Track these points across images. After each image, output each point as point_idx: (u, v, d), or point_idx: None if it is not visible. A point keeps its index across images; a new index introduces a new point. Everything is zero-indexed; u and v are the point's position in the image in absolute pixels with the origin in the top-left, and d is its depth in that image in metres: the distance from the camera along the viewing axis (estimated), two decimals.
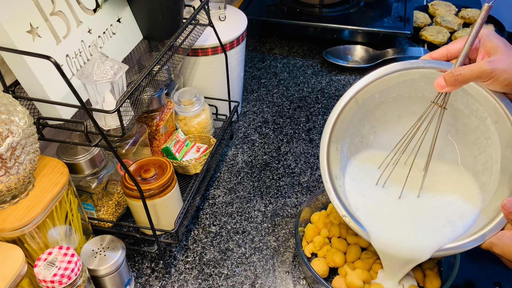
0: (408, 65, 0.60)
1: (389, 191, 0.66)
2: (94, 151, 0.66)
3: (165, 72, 0.74)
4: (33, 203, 0.54)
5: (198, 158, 0.84)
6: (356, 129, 0.67)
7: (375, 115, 0.67)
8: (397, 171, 0.66)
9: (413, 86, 0.62)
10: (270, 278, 0.71)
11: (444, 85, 0.56)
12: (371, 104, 0.65)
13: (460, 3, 1.38)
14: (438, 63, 0.59)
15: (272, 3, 1.28)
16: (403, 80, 0.61)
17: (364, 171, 0.68)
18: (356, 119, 0.66)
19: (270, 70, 1.18)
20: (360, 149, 0.69)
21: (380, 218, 0.63)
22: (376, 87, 0.62)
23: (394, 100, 0.65)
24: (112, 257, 0.61)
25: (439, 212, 0.63)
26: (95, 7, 0.65)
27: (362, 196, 0.65)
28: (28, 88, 0.56)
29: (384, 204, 0.65)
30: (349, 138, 0.67)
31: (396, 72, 0.60)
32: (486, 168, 0.62)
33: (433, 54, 0.60)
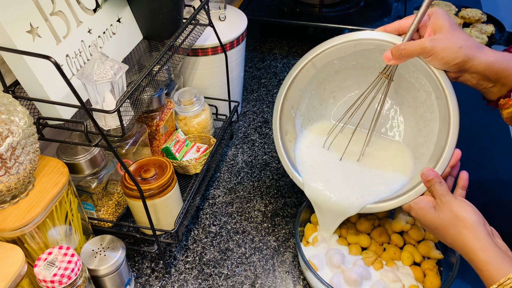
0: (362, 35, 0.64)
1: (332, 153, 0.73)
2: (94, 151, 0.66)
3: (165, 72, 0.74)
4: (33, 203, 0.54)
5: (198, 158, 0.84)
6: (315, 91, 0.72)
7: (335, 80, 0.72)
8: (343, 137, 0.72)
9: (370, 56, 0.66)
10: (270, 278, 0.71)
11: (390, 57, 0.61)
12: (331, 69, 0.70)
13: (460, 3, 1.38)
14: (389, 36, 0.63)
15: (272, 3, 1.28)
16: (359, 49, 0.65)
17: (317, 134, 0.74)
18: (316, 82, 0.71)
19: (270, 70, 1.18)
20: (319, 113, 0.75)
21: (318, 173, 0.70)
22: (333, 54, 0.67)
23: (354, 68, 0.70)
24: (112, 257, 0.61)
25: (372, 177, 0.69)
26: (95, 7, 0.65)
27: (307, 153, 0.72)
28: (28, 88, 0.56)
29: (326, 162, 0.71)
30: (308, 99, 0.72)
31: (352, 41, 0.65)
32: (427, 141, 0.67)
33: (386, 27, 0.64)
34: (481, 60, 0.57)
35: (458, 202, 0.57)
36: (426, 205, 0.59)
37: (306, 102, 0.72)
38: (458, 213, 0.56)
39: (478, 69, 0.57)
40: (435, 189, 0.59)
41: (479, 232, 0.54)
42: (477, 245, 0.53)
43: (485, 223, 0.56)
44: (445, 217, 0.56)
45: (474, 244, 0.53)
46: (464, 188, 0.61)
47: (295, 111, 0.71)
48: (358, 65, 0.69)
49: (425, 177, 0.61)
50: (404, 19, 0.63)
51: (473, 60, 0.57)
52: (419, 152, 0.68)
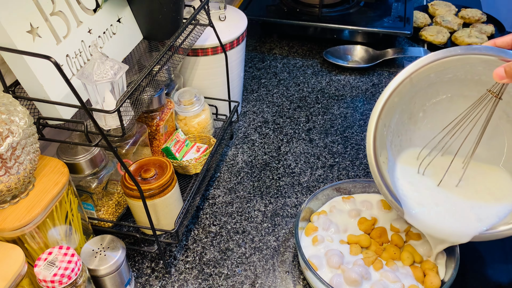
0: (469, 50, 0.59)
1: (429, 177, 0.68)
2: (94, 151, 0.66)
3: (165, 72, 0.74)
4: (33, 203, 0.54)
5: (198, 158, 0.84)
6: (406, 106, 0.67)
7: (427, 93, 0.67)
8: (439, 158, 0.68)
9: (471, 69, 0.62)
10: (270, 278, 0.71)
11: (503, 76, 0.54)
12: (425, 82, 0.65)
13: (460, 3, 1.38)
14: (500, 51, 0.57)
15: (272, 3, 1.28)
16: (462, 63, 0.61)
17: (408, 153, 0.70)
18: (408, 97, 0.66)
19: (270, 70, 1.18)
20: (408, 127, 0.70)
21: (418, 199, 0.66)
22: (433, 68, 0.62)
23: (449, 81, 0.65)
24: (112, 257, 0.61)
25: (477, 202, 0.65)
26: (95, 7, 0.65)
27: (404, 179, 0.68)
28: (28, 88, 0.56)
29: (423, 188, 0.67)
30: (398, 114, 0.67)
31: (457, 56, 0.60)
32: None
33: (497, 41, 0.59)
34: None
35: None
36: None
37: (397, 117, 0.67)
38: None
39: None
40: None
41: None
42: None
43: None
44: None
45: None
46: None
47: (387, 129, 0.66)
48: (455, 78, 0.64)
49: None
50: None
51: None
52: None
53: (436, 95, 0.67)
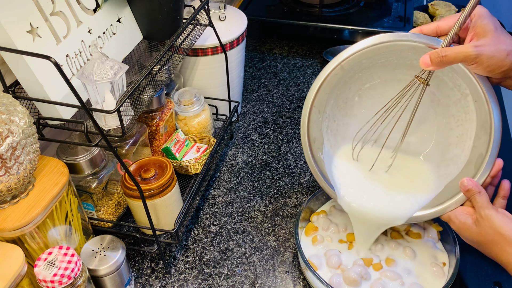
0: (397, 37, 0.60)
1: (362, 163, 0.71)
2: (94, 151, 0.66)
3: (165, 72, 0.74)
4: (33, 203, 0.54)
5: (198, 158, 0.84)
6: (341, 91, 0.69)
7: (362, 78, 0.69)
8: (373, 144, 0.71)
9: (402, 54, 0.63)
10: (270, 278, 0.71)
11: (429, 63, 0.56)
12: (358, 68, 0.66)
13: (460, 3, 1.38)
14: (427, 38, 0.59)
15: (272, 3, 1.28)
16: (391, 50, 0.62)
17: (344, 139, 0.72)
18: (342, 82, 0.67)
19: (270, 70, 1.18)
20: (344, 112, 0.72)
21: (355, 184, 0.69)
22: (364, 55, 0.63)
23: (382, 65, 0.66)
24: (112, 257, 0.61)
25: (406, 186, 0.68)
26: (95, 7, 0.65)
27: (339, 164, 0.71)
28: (28, 88, 0.56)
29: (359, 173, 0.70)
30: (333, 100, 0.69)
31: (385, 43, 0.61)
32: (460, 142, 0.65)
33: (423, 28, 0.60)
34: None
35: (500, 217, 0.55)
36: (466, 220, 0.58)
37: (331, 103, 0.69)
38: (500, 230, 0.54)
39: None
40: (475, 200, 0.58)
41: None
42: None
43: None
44: (487, 235, 0.55)
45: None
46: (505, 198, 0.60)
47: (322, 115, 0.69)
48: (387, 63, 0.66)
49: (463, 187, 0.59)
50: (443, 20, 0.59)
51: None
52: (452, 153, 0.66)
53: (371, 79, 0.69)
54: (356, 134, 0.71)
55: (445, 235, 0.70)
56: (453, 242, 0.67)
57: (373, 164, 0.70)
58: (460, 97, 0.64)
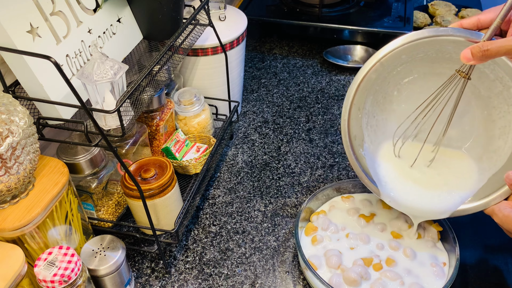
0: (437, 32, 0.60)
1: (404, 158, 0.71)
2: (94, 151, 0.66)
3: (165, 72, 0.74)
4: (33, 203, 0.54)
5: (198, 158, 0.84)
6: (379, 86, 0.68)
7: (400, 72, 0.68)
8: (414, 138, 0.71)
9: (441, 48, 0.63)
10: (270, 278, 0.71)
11: (470, 58, 0.55)
12: (397, 63, 0.66)
13: (460, 3, 1.38)
14: (467, 32, 0.58)
15: (272, 3, 1.28)
16: (431, 45, 0.62)
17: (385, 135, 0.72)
18: (381, 78, 0.67)
19: (270, 70, 1.18)
20: (383, 107, 0.71)
21: (395, 181, 0.69)
22: (403, 51, 0.63)
23: (421, 60, 0.66)
24: (112, 257, 0.61)
25: (448, 181, 0.68)
26: (95, 7, 0.65)
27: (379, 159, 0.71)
28: (28, 88, 0.56)
29: (399, 169, 0.70)
30: (373, 95, 0.69)
31: (426, 39, 0.61)
32: (503, 133, 0.64)
33: (463, 22, 0.60)
34: None
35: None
36: (510, 213, 0.58)
37: (371, 98, 0.69)
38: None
39: None
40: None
41: None
42: None
43: None
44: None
45: None
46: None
47: (361, 112, 0.68)
48: (426, 57, 0.65)
49: (509, 180, 0.59)
50: (484, 13, 0.58)
51: None
52: (495, 145, 0.66)
53: (410, 73, 0.68)
54: (397, 129, 0.70)
55: (445, 235, 0.70)
56: (453, 242, 0.67)
57: (415, 159, 0.70)
58: (502, 89, 0.63)
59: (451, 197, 0.67)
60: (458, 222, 0.70)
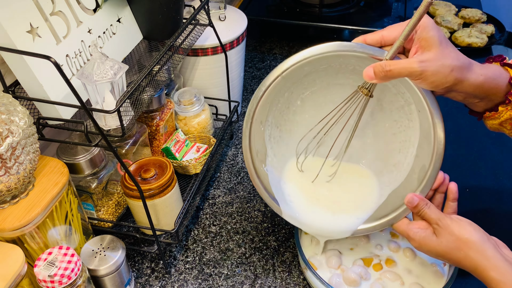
0: (340, 47, 0.58)
1: (307, 173, 0.70)
2: (94, 151, 0.66)
3: (165, 72, 0.74)
4: (33, 203, 0.54)
5: (198, 158, 0.84)
6: (283, 97, 0.67)
7: (304, 83, 0.66)
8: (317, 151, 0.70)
9: (344, 61, 0.62)
10: (270, 278, 0.71)
11: (372, 76, 0.55)
12: (300, 74, 0.64)
13: (460, 3, 1.38)
14: (370, 49, 0.57)
15: (272, 3, 1.28)
16: (334, 57, 0.60)
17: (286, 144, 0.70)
18: (284, 89, 0.65)
19: (270, 70, 1.17)
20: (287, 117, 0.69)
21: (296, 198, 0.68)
22: (306, 64, 0.60)
23: (324, 70, 0.64)
24: (112, 257, 0.61)
25: (348, 198, 0.68)
26: (95, 7, 0.65)
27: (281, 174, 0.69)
28: (28, 88, 0.56)
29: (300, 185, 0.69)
30: (275, 106, 0.66)
31: (328, 54, 0.59)
32: (403, 148, 0.65)
33: (367, 38, 0.58)
34: (471, 81, 0.54)
35: (456, 223, 0.56)
36: (425, 234, 0.58)
37: (274, 110, 0.66)
38: (459, 235, 0.55)
39: (467, 90, 0.54)
40: (426, 214, 0.58)
41: (486, 250, 0.53)
42: (487, 264, 0.52)
43: (488, 238, 0.55)
44: (448, 243, 0.55)
45: (484, 264, 0.53)
46: (455, 200, 0.61)
47: (264, 125, 0.66)
48: (329, 68, 0.64)
49: (410, 203, 0.59)
50: (388, 30, 0.57)
51: (463, 82, 0.53)
52: (395, 159, 0.66)
53: (313, 84, 0.67)
54: (300, 141, 0.69)
55: None
56: None
57: (316, 175, 0.69)
58: (403, 104, 0.63)
59: (352, 215, 0.66)
60: None
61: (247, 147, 0.64)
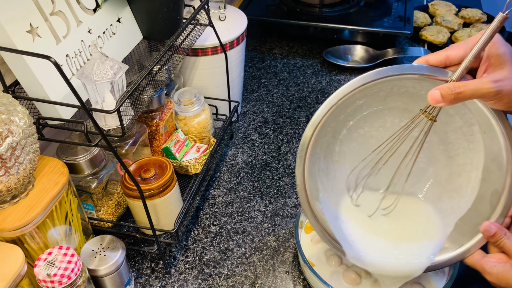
0: (401, 70, 0.54)
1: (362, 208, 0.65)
2: (94, 151, 0.66)
3: (165, 72, 0.74)
4: (33, 203, 0.54)
5: (198, 158, 0.84)
6: (330, 127, 0.62)
7: (350, 110, 0.62)
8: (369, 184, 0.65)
9: (398, 83, 0.57)
10: (270, 278, 0.71)
11: (440, 100, 0.50)
12: (350, 102, 0.59)
13: (460, 3, 1.38)
14: (434, 71, 0.53)
15: (272, 3, 1.28)
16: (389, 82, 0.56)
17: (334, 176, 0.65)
18: (330, 119, 0.59)
19: (270, 70, 1.18)
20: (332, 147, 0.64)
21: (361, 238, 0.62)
22: (358, 92, 0.56)
23: (373, 95, 0.60)
24: (112, 257, 0.61)
25: (412, 233, 0.63)
26: (95, 7, 0.65)
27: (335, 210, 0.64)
28: (28, 88, 0.56)
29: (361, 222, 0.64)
30: (322, 138, 0.61)
31: (386, 78, 0.54)
32: (464, 171, 0.61)
33: (430, 59, 0.53)
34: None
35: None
36: (504, 267, 0.53)
37: (320, 142, 0.61)
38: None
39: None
40: (505, 245, 0.53)
41: None
42: None
43: None
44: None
45: None
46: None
47: (313, 158, 0.60)
48: (380, 91, 0.59)
49: (487, 232, 0.55)
50: (453, 49, 0.52)
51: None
52: (456, 183, 0.61)
53: (360, 111, 0.62)
54: (350, 173, 0.64)
55: None
56: None
57: (376, 209, 0.64)
58: (461, 125, 0.59)
59: (419, 254, 0.61)
60: None
61: (302, 186, 0.59)
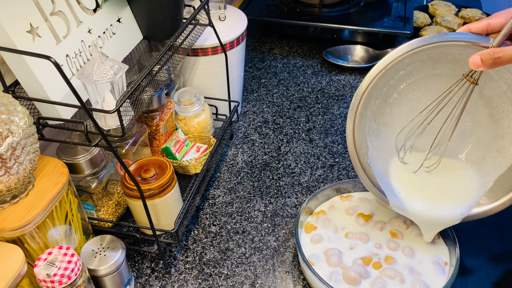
0: (444, 37, 0.59)
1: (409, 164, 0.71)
2: (94, 151, 0.66)
3: (165, 72, 0.74)
4: (33, 203, 0.54)
5: (198, 158, 0.84)
6: (380, 91, 0.68)
7: (401, 76, 0.67)
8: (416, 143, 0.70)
9: (445, 50, 0.62)
10: (270, 278, 0.71)
11: (480, 64, 0.54)
12: (400, 67, 0.65)
13: (460, 3, 1.38)
14: (476, 38, 0.57)
15: (272, 3, 1.28)
16: (436, 48, 0.61)
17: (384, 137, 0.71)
18: (382, 83, 0.66)
19: (270, 70, 1.18)
20: (383, 110, 0.70)
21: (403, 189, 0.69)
22: (407, 57, 0.62)
23: (422, 61, 0.65)
24: (112, 257, 0.61)
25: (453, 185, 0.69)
26: (95, 7, 0.65)
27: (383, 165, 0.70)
28: (28, 88, 0.56)
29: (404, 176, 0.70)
30: (373, 100, 0.67)
31: (432, 44, 0.59)
32: (507, 133, 0.65)
33: (472, 27, 0.58)
34: None
35: None
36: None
37: (371, 104, 0.68)
38: None
39: None
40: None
41: None
42: None
43: None
44: None
45: None
46: None
47: (364, 119, 0.68)
48: (428, 59, 0.64)
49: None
50: (494, 17, 0.57)
51: None
52: (499, 144, 0.66)
53: (410, 75, 0.68)
54: (399, 133, 0.70)
55: (446, 235, 0.70)
56: (453, 242, 0.67)
57: (420, 165, 0.70)
58: (506, 89, 0.63)
59: (459, 204, 0.67)
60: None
61: (351, 141, 0.67)
